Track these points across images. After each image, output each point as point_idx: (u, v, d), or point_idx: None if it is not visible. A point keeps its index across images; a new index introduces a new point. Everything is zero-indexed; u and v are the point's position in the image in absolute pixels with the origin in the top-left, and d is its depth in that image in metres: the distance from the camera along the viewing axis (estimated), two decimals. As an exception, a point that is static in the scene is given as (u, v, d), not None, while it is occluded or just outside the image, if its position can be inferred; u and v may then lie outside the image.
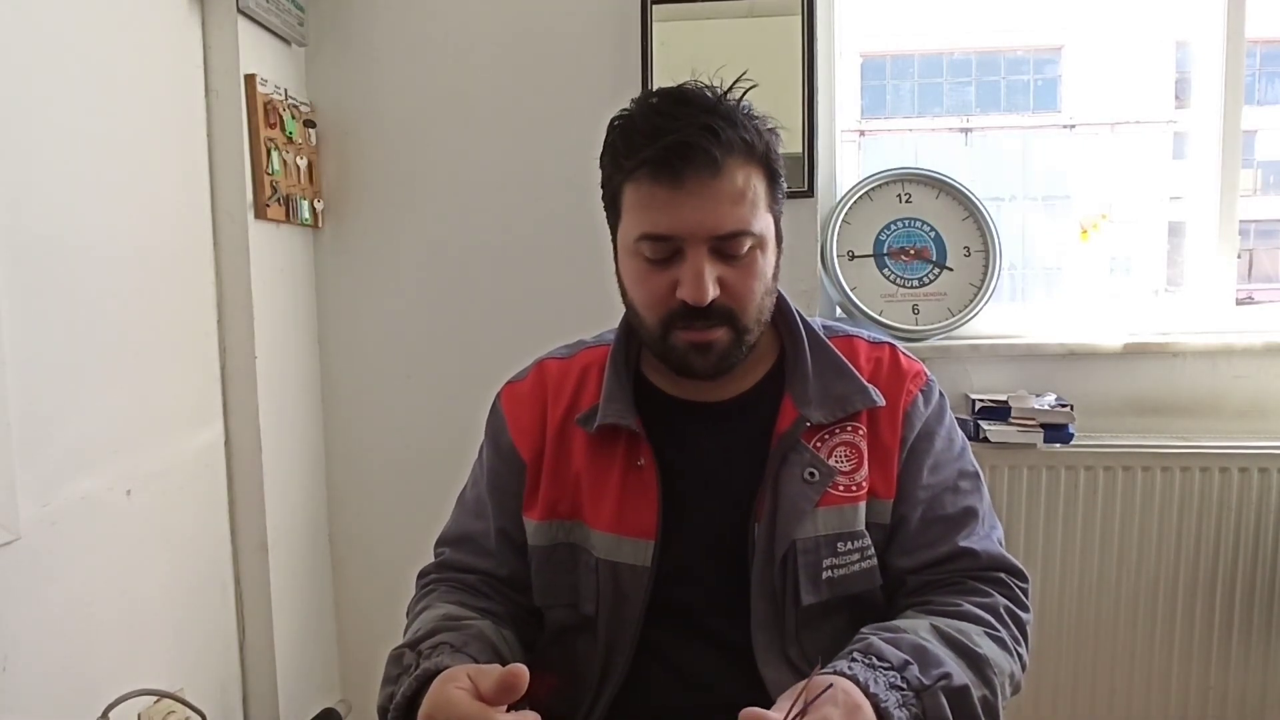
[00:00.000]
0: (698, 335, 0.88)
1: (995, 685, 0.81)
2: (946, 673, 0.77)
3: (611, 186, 0.91)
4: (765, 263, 0.90)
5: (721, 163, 0.83)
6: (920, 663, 0.77)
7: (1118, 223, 2.67)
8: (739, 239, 0.86)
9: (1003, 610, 0.88)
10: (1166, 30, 3.00)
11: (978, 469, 0.99)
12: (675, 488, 0.93)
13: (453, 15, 1.92)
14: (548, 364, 1.04)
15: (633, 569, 0.92)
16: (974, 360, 1.90)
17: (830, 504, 0.91)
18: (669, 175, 0.84)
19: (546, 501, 0.96)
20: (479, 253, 1.95)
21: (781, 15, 1.83)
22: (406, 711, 0.80)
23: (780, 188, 0.92)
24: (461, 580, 1.00)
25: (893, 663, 0.77)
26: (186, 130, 1.63)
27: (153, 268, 1.51)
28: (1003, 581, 0.92)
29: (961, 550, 0.92)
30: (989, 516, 0.97)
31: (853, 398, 0.93)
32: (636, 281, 0.91)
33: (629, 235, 0.89)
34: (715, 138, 0.83)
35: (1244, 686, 1.79)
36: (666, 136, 0.83)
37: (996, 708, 0.81)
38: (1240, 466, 1.75)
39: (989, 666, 0.81)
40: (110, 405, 1.41)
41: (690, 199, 0.84)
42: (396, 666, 0.85)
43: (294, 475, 1.88)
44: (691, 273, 0.85)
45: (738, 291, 0.88)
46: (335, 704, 2.00)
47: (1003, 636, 0.86)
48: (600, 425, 0.93)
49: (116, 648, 1.42)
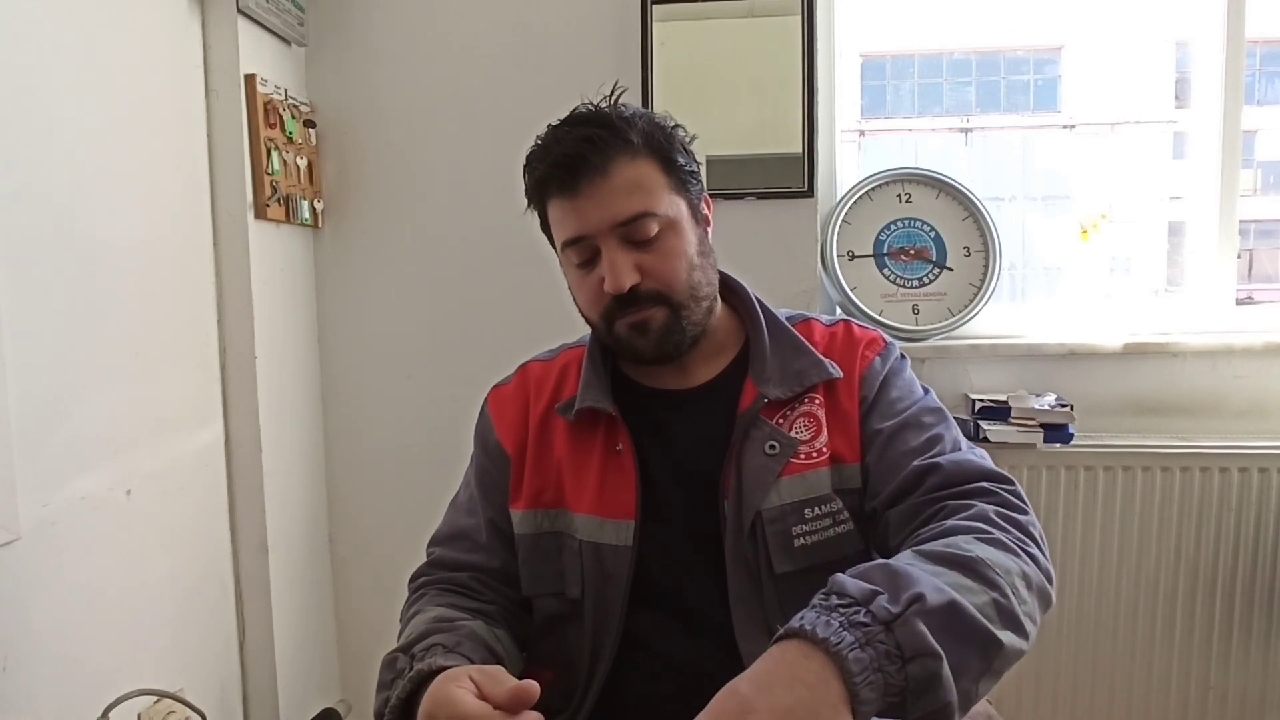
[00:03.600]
0: (633, 317, 0.95)
1: (1003, 586, 0.71)
2: (918, 594, 0.66)
3: (541, 213, 1.00)
4: (682, 241, 0.95)
5: (608, 164, 0.92)
6: (891, 590, 0.66)
7: (1118, 223, 2.67)
8: (642, 221, 0.92)
9: (992, 514, 0.81)
10: (1166, 30, 3.00)
11: (943, 408, 0.98)
12: (651, 470, 0.98)
13: (453, 15, 1.92)
14: (530, 366, 1.11)
15: (615, 549, 0.95)
16: (974, 360, 1.90)
17: (794, 473, 0.94)
18: (567, 186, 0.93)
19: (531, 491, 1.01)
20: (479, 252, 1.95)
21: (781, 15, 1.83)
22: (403, 714, 0.81)
23: (681, 169, 0.97)
24: (452, 580, 1.02)
25: (855, 597, 0.66)
26: (186, 130, 1.63)
27: (153, 268, 1.51)
28: (985, 490, 0.86)
29: (921, 468, 0.88)
30: (960, 441, 0.94)
31: (809, 372, 0.98)
32: (576, 289, 1.00)
33: (559, 248, 0.98)
34: (593, 145, 0.92)
35: (1244, 686, 1.79)
36: (552, 154, 0.94)
37: (1014, 610, 0.71)
38: (1240, 466, 1.75)
39: (986, 567, 0.72)
40: (110, 405, 1.41)
41: (587, 201, 0.93)
42: (390, 671, 0.86)
43: (294, 475, 1.88)
44: (606, 264, 0.93)
45: (659, 272, 0.94)
46: (335, 704, 2.00)
47: (997, 538, 0.77)
48: (579, 410, 0.99)
49: (116, 648, 1.42)
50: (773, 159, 1.85)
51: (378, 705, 0.85)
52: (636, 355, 0.98)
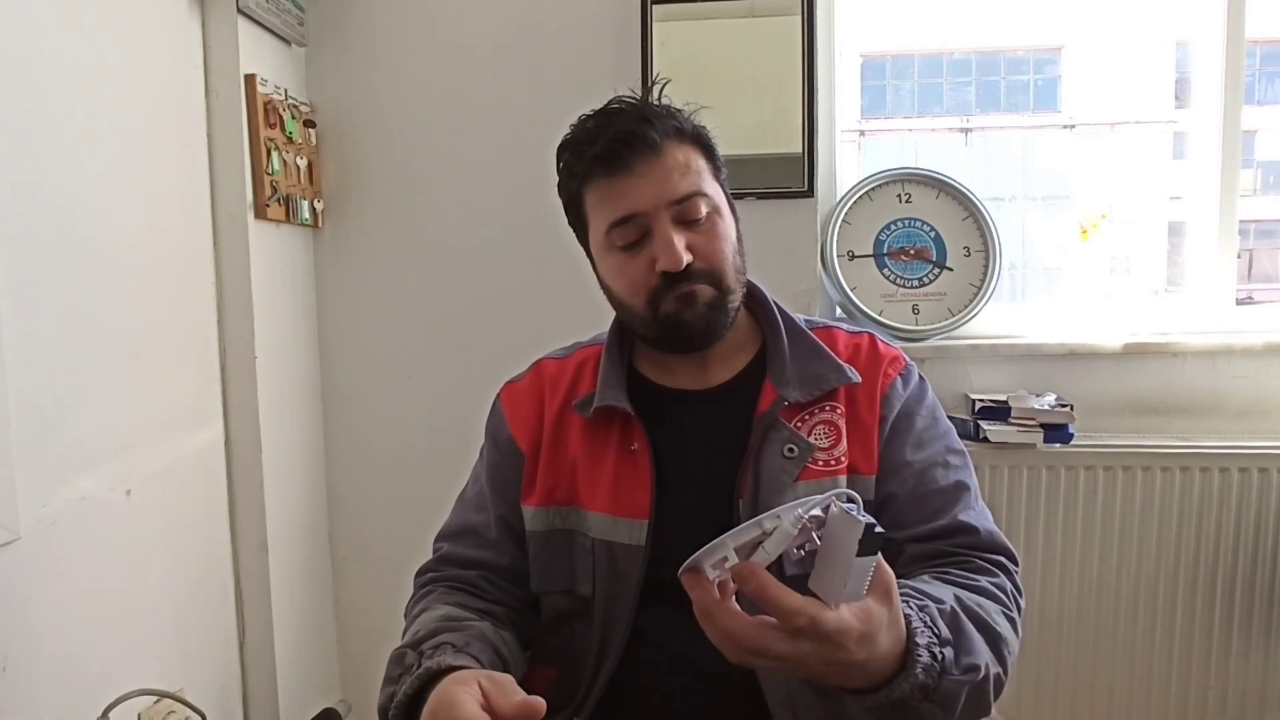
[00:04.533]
0: (682, 290, 0.94)
1: (1007, 663, 0.85)
2: (975, 664, 0.78)
3: (574, 200, 0.99)
4: (726, 226, 0.97)
5: (661, 143, 0.93)
6: (958, 648, 0.78)
7: (1118, 223, 2.67)
8: (695, 200, 0.94)
9: (1009, 591, 0.92)
10: (1166, 30, 3.00)
11: (964, 448, 1.03)
12: (666, 470, 0.98)
13: (453, 15, 1.92)
14: (545, 363, 1.10)
15: (627, 548, 0.95)
16: (974, 360, 1.90)
17: (810, 478, 0.95)
18: (619, 164, 0.93)
19: (544, 488, 1.01)
20: (479, 252, 1.95)
21: (781, 15, 1.83)
22: (409, 711, 0.80)
23: (719, 164, 1.00)
24: (460, 578, 1.02)
25: (939, 635, 0.77)
26: (186, 130, 1.63)
27: (153, 267, 1.51)
28: (1005, 566, 0.95)
29: (963, 524, 0.94)
30: (978, 493, 1.00)
31: (828, 376, 0.99)
32: (617, 274, 0.97)
33: (599, 233, 0.97)
34: (650, 124, 0.93)
35: (1244, 686, 1.79)
36: (606, 133, 0.93)
37: (1004, 683, 0.86)
38: (1240, 466, 1.75)
39: (1004, 645, 0.85)
40: (110, 405, 1.41)
41: (641, 179, 0.93)
42: (398, 666, 0.86)
43: (294, 475, 1.89)
44: (662, 242, 0.92)
45: (708, 252, 0.95)
46: (335, 704, 2.00)
47: (1014, 616, 0.90)
48: (597, 409, 0.99)
49: (116, 648, 1.42)
50: (773, 159, 1.85)
51: (383, 699, 0.85)
52: (680, 331, 0.96)
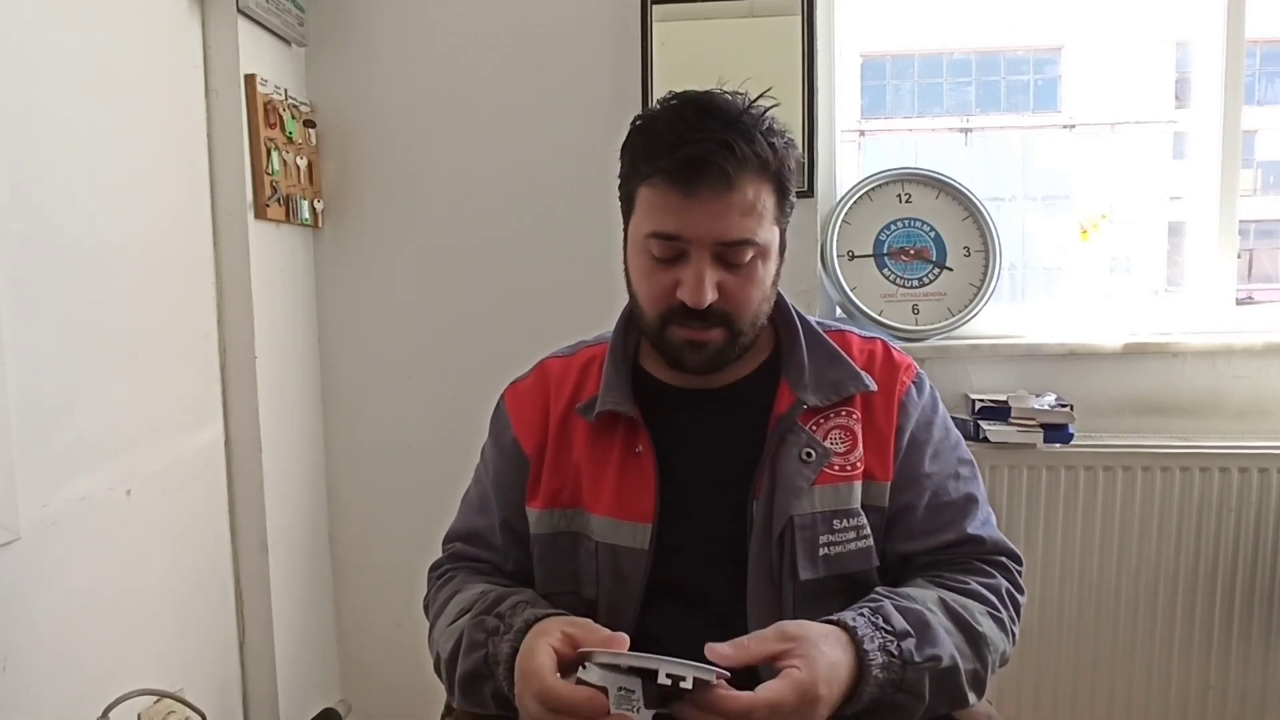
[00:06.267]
0: (693, 334, 0.93)
1: (988, 661, 0.89)
2: (936, 655, 0.83)
3: (628, 185, 0.96)
4: (765, 272, 0.94)
5: (734, 177, 0.87)
6: (920, 638, 0.83)
7: (1118, 223, 2.67)
8: (742, 248, 0.90)
9: (1004, 592, 0.95)
10: (1166, 30, 3.00)
11: (972, 457, 1.05)
12: (673, 472, 0.97)
13: (453, 15, 1.92)
14: (549, 363, 1.09)
15: (631, 552, 0.95)
16: (974, 360, 1.90)
17: (826, 483, 0.95)
18: (683, 184, 0.88)
19: (549, 491, 1.00)
20: (479, 252, 1.95)
21: (781, 15, 1.83)
22: (510, 668, 0.83)
23: (790, 202, 0.96)
24: (477, 568, 1.04)
25: (894, 629, 0.83)
26: (186, 130, 1.63)
27: (153, 268, 1.51)
28: (1005, 565, 0.98)
29: (969, 537, 0.98)
30: (985, 499, 1.03)
31: (846, 382, 0.99)
32: (642, 277, 0.95)
33: (639, 231, 0.94)
34: (731, 153, 0.86)
35: (1244, 686, 1.79)
36: (684, 149, 0.87)
37: (985, 680, 0.89)
38: (1240, 466, 1.75)
39: (985, 644, 0.89)
40: (110, 405, 1.41)
41: (701, 207, 0.88)
42: (480, 631, 0.88)
43: (294, 475, 1.88)
44: (693, 275, 0.90)
45: (736, 297, 0.92)
46: (335, 704, 2.00)
47: (1002, 617, 0.93)
48: (600, 413, 0.98)
49: (116, 648, 1.42)
50: (773, 159, 1.84)
51: (471, 665, 0.88)
52: (680, 365, 0.97)
